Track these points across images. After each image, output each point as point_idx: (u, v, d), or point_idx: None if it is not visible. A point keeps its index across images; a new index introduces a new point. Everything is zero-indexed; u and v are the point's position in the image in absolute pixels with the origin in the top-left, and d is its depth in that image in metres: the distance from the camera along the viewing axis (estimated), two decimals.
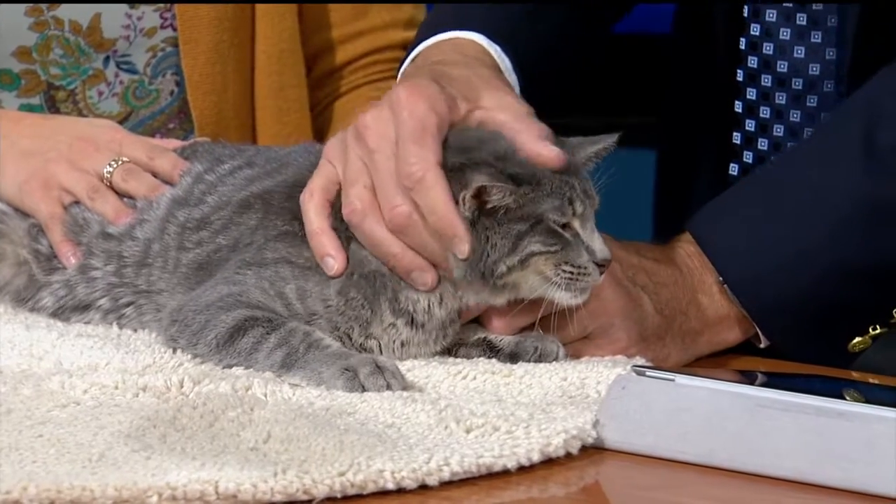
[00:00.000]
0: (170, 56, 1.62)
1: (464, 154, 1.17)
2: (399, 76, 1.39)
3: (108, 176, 1.33)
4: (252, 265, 1.20)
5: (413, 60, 1.37)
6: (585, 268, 1.17)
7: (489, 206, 1.16)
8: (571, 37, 1.50)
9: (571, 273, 1.16)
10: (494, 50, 1.36)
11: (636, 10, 1.57)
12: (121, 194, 1.32)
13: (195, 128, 1.62)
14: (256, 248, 1.22)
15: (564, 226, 1.17)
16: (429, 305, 1.19)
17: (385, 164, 1.17)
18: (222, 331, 1.16)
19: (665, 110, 1.67)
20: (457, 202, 1.15)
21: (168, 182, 1.32)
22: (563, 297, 1.17)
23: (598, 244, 1.18)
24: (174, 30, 1.60)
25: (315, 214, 1.19)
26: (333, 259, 1.19)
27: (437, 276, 1.18)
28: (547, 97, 1.41)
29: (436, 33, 1.38)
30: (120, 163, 1.33)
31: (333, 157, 1.21)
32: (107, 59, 1.60)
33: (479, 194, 1.15)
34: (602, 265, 1.18)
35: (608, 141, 1.23)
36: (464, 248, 1.15)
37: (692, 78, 1.58)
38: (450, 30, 1.37)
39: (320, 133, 1.73)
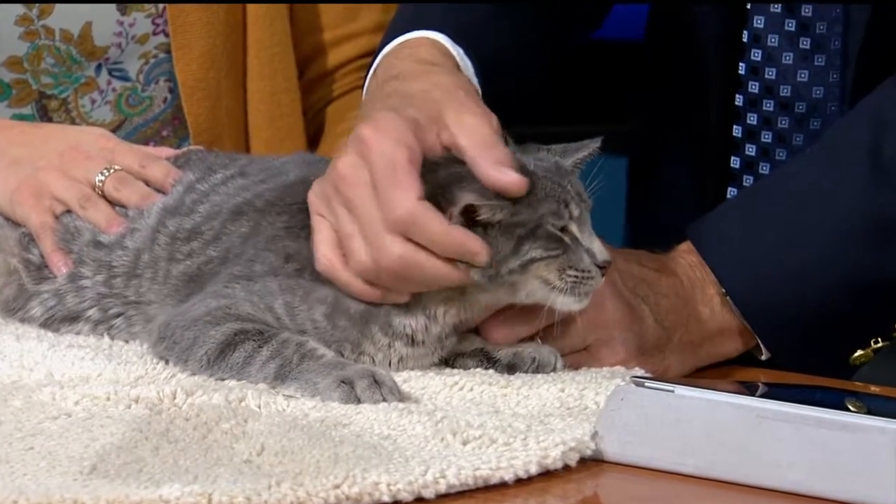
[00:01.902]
0: (162, 62, 1.62)
1: (442, 167, 1.16)
2: (365, 89, 1.36)
3: (100, 184, 1.32)
4: (241, 279, 1.20)
5: (374, 73, 1.34)
6: (589, 271, 1.16)
7: (478, 219, 1.15)
8: (537, 43, 1.48)
9: (576, 277, 1.16)
10: (457, 52, 1.33)
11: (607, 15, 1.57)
12: (113, 203, 1.32)
13: (191, 134, 1.62)
14: (246, 259, 1.21)
15: (562, 229, 1.17)
16: (425, 326, 1.18)
17: (364, 211, 1.14)
18: (212, 347, 1.16)
19: (640, 119, 1.65)
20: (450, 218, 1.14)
21: (160, 191, 1.32)
22: (566, 303, 1.17)
23: (597, 246, 1.18)
24: (166, 36, 1.60)
25: (349, 278, 1.17)
26: (399, 296, 1.17)
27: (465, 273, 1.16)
28: (509, 104, 1.39)
29: (398, 35, 1.35)
30: (112, 171, 1.33)
31: (322, 210, 1.19)
32: (99, 66, 1.60)
33: (467, 212, 1.14)
34: (603, 267, 1.18)
35: (592, 146, 1.22)
36: (482, 257, 1.14)
37: (673, 95, 1.57)
38: (411, 31, 1.34)
39: (313, 139, 1.73)
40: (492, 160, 1.15)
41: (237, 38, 1.64)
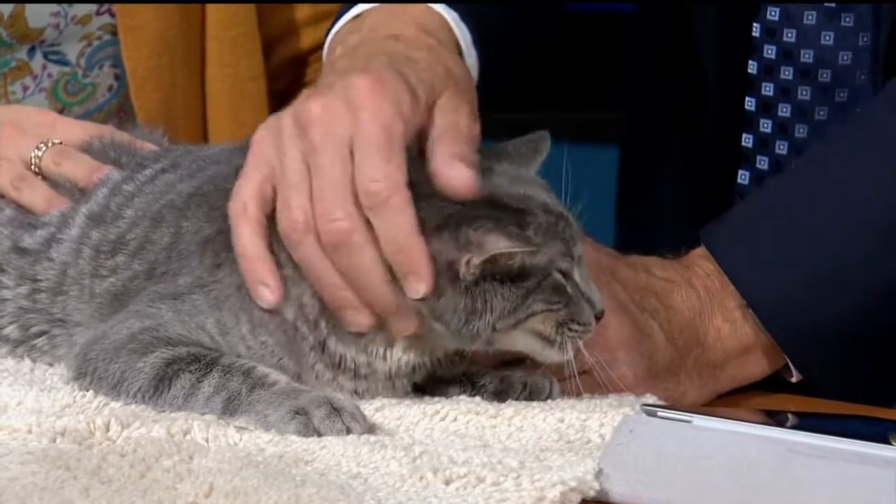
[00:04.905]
0: (107, 45, 1.61)
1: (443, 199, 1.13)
2: (331, 38, 1.34)
3: (36, 160, 1.31)
4: (166, 298, 1.18)
5: (354, 23, 1.31)
6: (589, 324, 1.15)
7: (498, 267, 1.12)
8: (522, 13, 1.49)
9: (577, 332, 1.15)
10: (452, 18, 1.32)
11: None
12: (54, 181, 1.30)
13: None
14: (172, 274, 1.19)
15: (564, 274, 1.14)
16: (368, 363, 1.16)
17: (331, 168, 1.11)
18: (144, 383, 1.14)
19: (632, 101, 1.65)
20: (452, 264, 1.11)
21: None
22: (553, 356, 1.16)
23: (595, 293, 1.16)
24: (112, 15, 1.59)
25: (250, 234, 1.14)
26: (268, 288, 1.14)
27: (372, 318, 1.13)
28: (502, 80, 1.40)
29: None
30: (50, 145, 1.31)
31: (268, 149, 1.16)
32: (32, 49, 1.58)
33: (494, 260, 1.11)
34: (599, 317, 1.16)
35: (545, 146, 1.20)
36: (420, 287, 1.11)
37: (671, 64, 1.56)
38: None
39: None
40: (450, 151, 1.12)
41: (194, 18, 1.64)
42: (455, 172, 1.12)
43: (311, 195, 1.12)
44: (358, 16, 1.33)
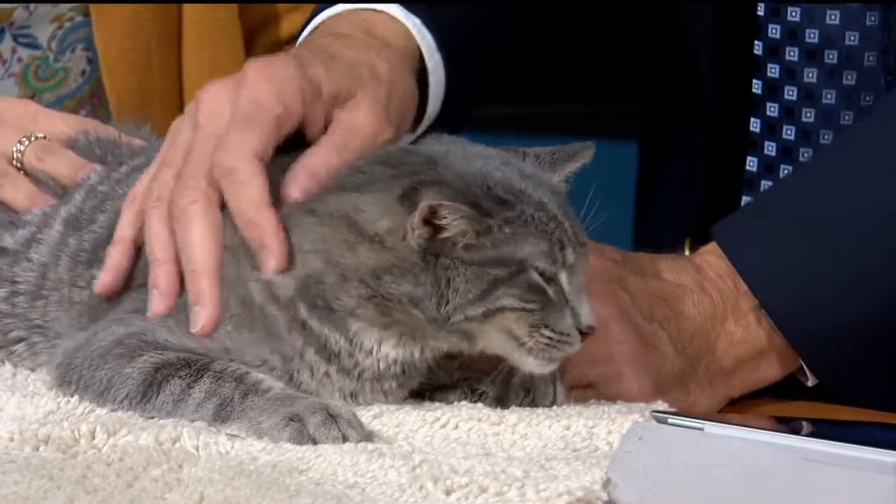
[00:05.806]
0: (79, 27, 1.60)
1: (418, 173, 1.13)
2: (299, 42, 1.40)
3: (18, 155, 1.30)
4: (146, 309, 1.18)
5: (315, 30, 1.37)
6: (568, 335, 1.14)
7: (445, 234, 1.11)
8: (509, 15, 1.50)
9: (550, 340, 1.13)
10: (413, 23, 1.35)
11: None
12: (37, 177, 1.30)
13: (112, 117, 1.60)
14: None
15: (547, 278, 1.13)
16: (349, 353, 1.14)
17: (201, 146, 1.18)
18: (132, 389, 1.13)
19: (637, 95, 1.65)
20: (404, 236, 1.11)
21: None
22: (530, 364, 1.14)
23: (585, 306, 1.14)
24: None
25: (129, 221, 1.19)
26: (106, 272, 1.19)
27: (168, 307, 1.16)
28: (476, 82, 1.44)
29: (345, 1, 1.38)
30: (32, 139, 1.30)
31: (172, 131, 1.23)
32: (1, 31, 1.57)
33: (430, 219, 1.10)
34: (586, 333, 1.14)
35: (586, 155, 1.20)
36: (271, 262, 1.13)
37: (677, 50, 1.55)
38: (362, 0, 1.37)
39: None
40: (309, 161, 1.17)
41: (170, 7, 1.62)
42: (290, 187, 1.16)
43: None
44: (325, 20, 1.39)
